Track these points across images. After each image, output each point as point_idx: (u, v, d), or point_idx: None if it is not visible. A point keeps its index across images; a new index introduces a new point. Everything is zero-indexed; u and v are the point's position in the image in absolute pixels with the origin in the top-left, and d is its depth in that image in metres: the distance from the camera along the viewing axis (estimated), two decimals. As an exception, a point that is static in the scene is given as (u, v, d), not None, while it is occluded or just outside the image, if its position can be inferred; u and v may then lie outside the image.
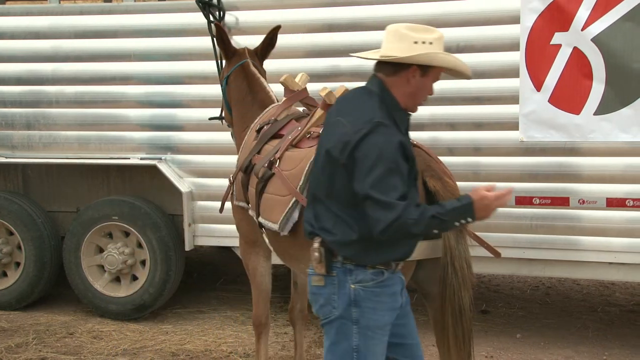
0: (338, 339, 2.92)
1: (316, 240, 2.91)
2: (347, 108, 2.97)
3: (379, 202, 2.69)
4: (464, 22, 5.06)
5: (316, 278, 2.96)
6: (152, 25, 5.80)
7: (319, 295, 2.96)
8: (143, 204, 6.02)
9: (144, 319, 6.12)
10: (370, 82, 3.02)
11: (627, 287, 6.95)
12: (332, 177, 2.86)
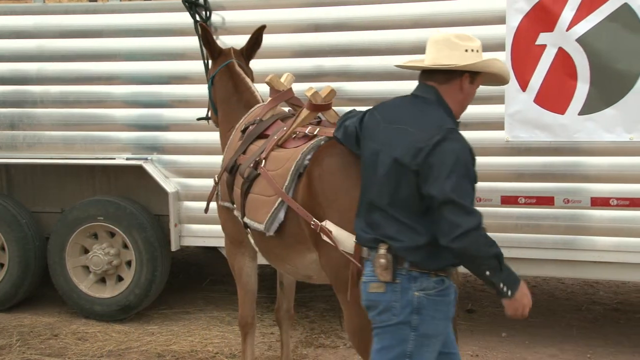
0: (392, 344, 2.93)
1: (382, 247, 2.91)
2: (406, 115, 2.99)
3: (461, 207, 2.75)
4: (450, 22, 5.06)
5: (375, 285, 2.95)
6: (138, 25, 5.78)
7: (378, 302, 2.96)
8: (129, 204, 6.00)
9: (130, 320, 6.09)
10: (421, 89, 3.06)
11: (610, 286, 7.00)
12: (399, 185, 2.88)
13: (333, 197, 3.31)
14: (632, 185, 4.89)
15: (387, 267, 2.90)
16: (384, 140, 2.98)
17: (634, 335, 5.63)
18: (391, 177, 2.90)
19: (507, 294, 2.84)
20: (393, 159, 2.89)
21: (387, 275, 2.90)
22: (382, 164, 2.94)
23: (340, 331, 5.75)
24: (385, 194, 2.93)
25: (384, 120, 3.05)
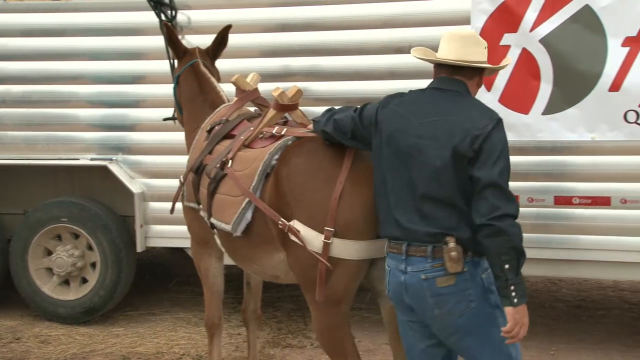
0: (483, 328, 2.97)
1: (451, 240, 2.90)
2: (444, 108, 3.01)
3: (504, 192, 2.84)
4: (416, 22, 5.10)
5: (444, 279, 2.94)
6: (102, 23, 5.71)
7: (448, 295, 2.94)
8: (93, 205, 5.93)
9: (94, 322, 6.03)
10: (449, 83, 3.10)
11: (573, 283, 7.11)
12: (459, 174, 2.90)
13: (301, 196, 3.31)
14: (594, 184, 4.96)
15: (458, 259, 2.90)
16: (428, 134, 2.97)
17: (596, 331, 5.73)
18: (450, 167, 2.91)
19: (513, 301, 2.83)
20: (451, 150, 2.89)
21: (458, 266, 2.91)
22: (436, 157, 2.93)
23: (307, 331, 5.76)
24: (444, 184, 2.92)
25: (416, 115, 3.04)
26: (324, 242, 3.20)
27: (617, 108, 4.73)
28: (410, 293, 3.01)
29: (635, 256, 4.97)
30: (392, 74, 5.14)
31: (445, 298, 2.95)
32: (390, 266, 3.08)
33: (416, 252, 2.97)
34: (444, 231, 2.91)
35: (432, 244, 2.94)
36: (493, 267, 2.87)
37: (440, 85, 3.12)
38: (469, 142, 2.87)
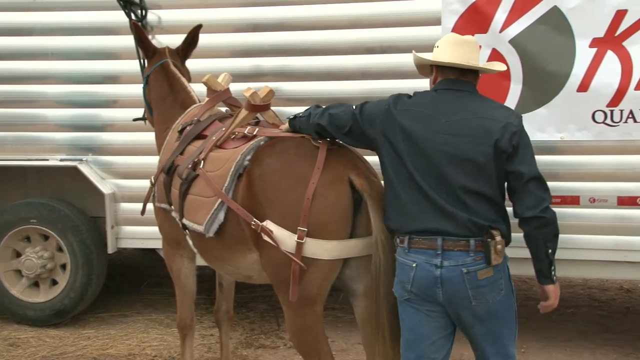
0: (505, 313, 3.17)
1: (497, 234, 3.03)
2: (471, 107, 3.17)
3: (544, 183, 3.09)
4: (387, 23, 5.12)
5: (484, 271, 3.05)
6: (71, 22, 5.65)
7: (486, 286, 3.07)
8: (63, 206, 5.87)
9: (65, 325, 5.97)
10: (461, 84, 3.26)
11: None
12: (499, 168, 3.07)
13: (273, 196, 3.31)
14: (563, 183, 5.02)
15: (502, 252, 3.06)
16: (464, 132, 3.09)
17: (565, 329, 5.80)
18: (491, 163, 3.06)
19: (553, 279, 3.20)
20: (493, 146, 3.04)
21: (500, 258, 3.07)
22: (477, 153, 3.05)
23: (280, 331, 5.75)
24: (485, 179, 3.07)
25: (443, 114, 3.15)
26: (297, 242, 3.20)
27: (586, 108, 4.80)
28: (447, 287, 3.07)
29: (604, 254, 5.04)
30: (363, 74, 5.16)
31: (484, 289, 3.07)
32: (416, 261, 3.10)
33: (454, 247, 3.05)
34: (490, 224, 3.05)
35: (474, 237, 3.04)
36: (537, 253, 3.15)
37: (454, 87, 3.26)
38: (508, 139, 3.04)
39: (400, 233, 3.18)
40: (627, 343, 5.48)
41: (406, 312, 3.22)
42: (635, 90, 4.69)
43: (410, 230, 3.13)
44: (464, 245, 3.04)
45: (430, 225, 3.08)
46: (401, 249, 3.17)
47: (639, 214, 4.92)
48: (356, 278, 3.47)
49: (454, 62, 3.23)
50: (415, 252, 3.11)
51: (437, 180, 3.09)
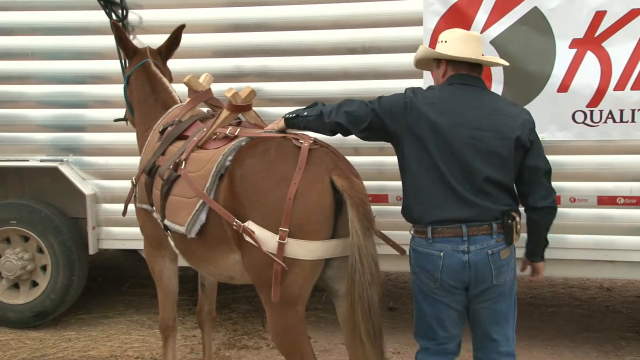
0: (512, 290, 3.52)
1: (517, 215, 3.40)
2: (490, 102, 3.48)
3: (550, 177, 3.49)
4: (369, 23, 5.12)
5: (505, 251, 3.40)
6: (52, 22, 5.60)
7: (505, 265, 3.41)
8: (44, 207, 5.83)
9: (45, 326, 5.93)
10: (474, 80, 3.55)
11: (524, 281, 7.22)
12: (518, 160, 3.40)
13: (255, 197, 3.30)
14: (544, 183, 5.05)
15: (519, 232, 3.42)
16: (489, 127, 3.37)
17: (546, 328, 5.84)
18: (512, 156, 3.36)
19: (544, 256, 3.71)
20: (515, 141, 3.35)
21: (518, 237, 3.44)
22: (501, 147, 3.35)
23: (263, 332, 5.75)
24: (507, 170, 3.38)
25: (467, 109, 3.40)
26: (278, 243, 3.20)
27: (566, 108, 4.84)
28: (474, 269, 3.34)
29: (585, 254, 5.08)
30: (345, 74, 5.16)
31: (504, 268, 3.40)
32: (442, 250, 3.35)
33: (478, 231, 3.33)
34: (511, 208, 3.38)
35: (495, 221, 3.35)
36: (538, 237, 3.61)
37: (469, 82, 3.52)
38: (527, 134, 3.38)
39: (421, 224, 3.42)
40: (608, 341, 5.53)
41: (427, 301, 3.50)
42: (615, 90, 4.73)
43: (434, 220, 3.36)
44: (487, 229, 3.33)
45: (454, 215, 3.33)
46: (423, 239, 3.41)
47: (618, 213, 4.96)
48: (338, 278, 3.48)
49: (468, 57, 3.49)
50: (440, 241, 3.35)
51: (462, 172, 3.34)
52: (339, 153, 3.52)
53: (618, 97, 4.74)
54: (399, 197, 5.12)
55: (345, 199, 3.24)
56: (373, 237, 3.32)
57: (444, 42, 3.57)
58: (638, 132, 4.77)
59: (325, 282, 3.54)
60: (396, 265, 5.46)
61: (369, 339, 3.25)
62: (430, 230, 3.36)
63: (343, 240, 3.33)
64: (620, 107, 4.76)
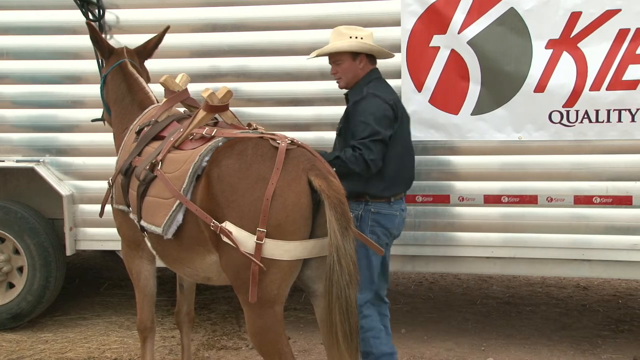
0: None
1: None
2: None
3: None
4: (346, 23, 5.10)
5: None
6: (27, 22, 5.55)
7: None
8: (19, 208, 5.78)
9: (22, 328, 5.87)
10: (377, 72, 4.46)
11: (503, 280, 7.28)
12: None
13: (232, 197, 3.29)
14: (521, 182, 5.09)
15: None
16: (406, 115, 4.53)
17: (524, 327, 5.88)
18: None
19: None
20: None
21: None
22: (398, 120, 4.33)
23: (242, 332, 5.74)
24: None
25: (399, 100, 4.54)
26: (256, 243, 3.19)
27: (543, 108, 4.88)
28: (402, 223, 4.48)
29: (562, 253, 5.12)
30: (322, 74, 5.15)
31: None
32: (402, 209, 4.44)
33: (403, 196, 4.47)
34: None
35: None
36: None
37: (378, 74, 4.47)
38: None
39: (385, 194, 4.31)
40: (584, 339, 5.58)
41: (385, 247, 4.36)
42: (590, 91, 4.78)
43: (402, 190, 4.45)
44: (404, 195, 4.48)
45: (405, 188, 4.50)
46: (385, 203, 4.31)
47: (595, 212, 5.01)
48: (316, 278, 3.48)
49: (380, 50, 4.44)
50: (399, 202, 4.40)
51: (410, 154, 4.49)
52: (317, 153, 3.52)
53: (594, 98, 4.79)
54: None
55: (322, 198, 3.23)
56: (351, 237, 3.31)
57: (360, 38, 4.33)
58: (613, 132, 4.83)
59: (303, 282, 3.53)
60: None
61: (345, 339, 3.24)
62: (395, 197, 4.36)
63: (321, 240, 3.32)
64: (596, 107, 4.81)
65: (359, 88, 4.37)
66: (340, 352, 3.29)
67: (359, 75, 4.39)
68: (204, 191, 3.41)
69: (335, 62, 4.41)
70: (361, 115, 4.21)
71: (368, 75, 4.41)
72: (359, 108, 4.24)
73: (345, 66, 4.38)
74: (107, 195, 4.31)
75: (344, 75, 4.41)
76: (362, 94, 4.29)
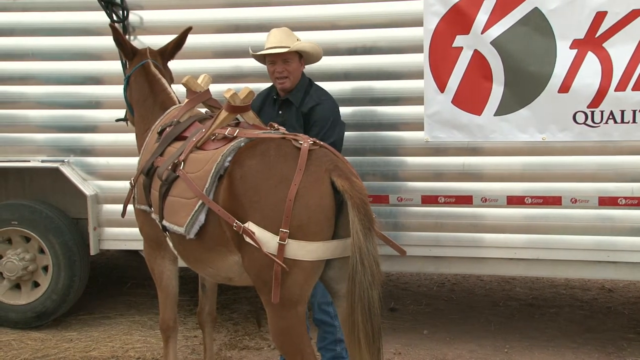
0: None
1: None
2: None
3: None
4: (370, 24, 5.12)
5: None
6: (53, 23, 5.61)
7: None
8: (45, 207, 5.83)
9: (47, 327, 5.93)
10: None
11: (526, 282, 7.22)
12: None
13: (255, 197, 3.30)
14: (545, 183, 5.05)
15: None
16: None
17: (548, 329, 5.83)
18: None
19: None
20: None
21: None
22: None
23: (264, 333, 5.74)
24: None
25: None
26: (279, 244, 3.20)
27: (567, 109, 4.84)
28: None
29: (586, 254, 5.08)
30: (345, 75, 5.18)
31: None
32: None
33: None
34: None
35: None
36: None
37: None
38: None
39: None
40: (609, 342, 5.52)
41: None
42: (616, 91, 4.73)
43: None
44: None
45: None
46: None
47: (620, 214, 4.97)
48: (339, 279, 3.47)
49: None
50: None
51: None
52: (339, 154, 3.52)
53: (619, 98, 4.74)
54: (400, 197, 5.18)
55: (345, 199, 3.23)
56: (374, 237, 3.30)
57: (298, 39, 4.45)
58: (639, 132, 4.77)
59: (326, 282, 3.54)
60: (397, 265, 5.48)
61: (367, 340, 3.23)
62: None
63: (344, 241, 3.32)
64: (621, 108, 4.76)
65: (300, 89, 4.55)
66: (362, 353, 3.28)
67: (299, 76, 4.57)
68: (226, 191, 3.42)
69: (285, 61, 4.48)
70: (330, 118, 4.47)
71: (303, 77, 4.61)
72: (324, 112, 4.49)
73: (295, 66, 4.52)
74: (129, 196, 4.34)
75: (292, 75, 4.52)
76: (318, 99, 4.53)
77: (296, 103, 4.50)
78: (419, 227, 5.26)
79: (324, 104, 4.51)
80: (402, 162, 5.26)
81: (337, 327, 4.42)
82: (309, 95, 4.54)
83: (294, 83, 4.53)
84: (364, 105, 5.21)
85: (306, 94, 4.55)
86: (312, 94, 4.55)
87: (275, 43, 4.46)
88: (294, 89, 4.54)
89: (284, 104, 4.57)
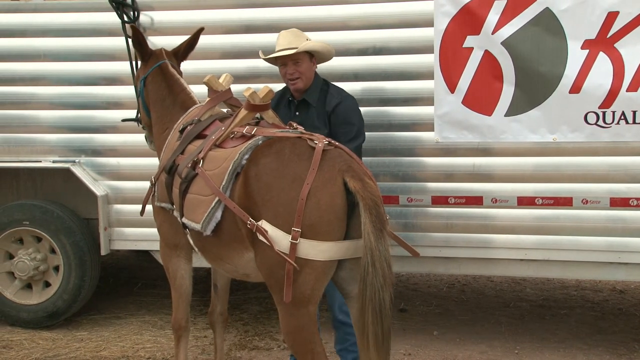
0: None
1: None
2: None
3: None
4: (380, 24, 5.13)
5: None
6: (63, 24, 5.64)
7: None
8: (56, 208, 5.85)
9: (58, 327, 5.95)
10: None
11: (537, 283, 7.21)
12: None
13: (268, 196, 3.30)
14: (556, 184, 5.04)
15: None
16: None
17: (559, 330, 5.82)
18: None
19: None
20: None
21: None
22: None
23: (274, 333, 5.75)
24: None
25: None
26: (291, 243, 3.20)
27: (578, 110, 4.82)
28: None
29: (597, 256, 5.07)
30: (356, 75, 5.18)
31: None
32: None
33: None
34: None
35: None
36: None
37: None
38: None
39: None
40: (620, 344, 5.50)
41: None
42: (627, 91, 4.72)
43: None
44: None
45: None
46: None
47: (631, 215, 4.95)
48: (350, 280, 3.47)
49: None
50: None
51: None
52: (353, 154, 3.51)
53: (631, 98, 4.73)
54: (410, 198, 5.18)
55: (357, 200, 3.23)
56: (386, 239, 3.29)
57: (308, 39, 4.45)
58: (651, 133, 4.76)
59: (337, 283, 3.54)
60: (408, 266, 5.48)
61: (376, 341, 3.21)
62: None
63: (356, 242, 3.32)
64: (633, 109, 4.75)
65: (315, 89, 4.56)
66: (370, 355, 3.27)
67: (312, 76, 4.56)
68: (241, 189, 3.43)
69: (296, 62, 4.47)
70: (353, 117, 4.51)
71: (317, 77, 4.62)
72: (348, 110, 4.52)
73: (306, 66, 4.51)
74: (148, 194, 4.35)
75: (304, 75, 4.51)
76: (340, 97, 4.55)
77: (313, 103, 4.51)
78: (429, 228, 5.25)
79: (346, 102, 4.54)
80: (412, 162, 5.25)
81: None
82: (330, 94, 4.55)
83: (306, 83, 4.53)
84: (374, 105, 5.21)
85: (325, 93, 4.56)
86: (332, 93, 4.56)
87: (284, 45, 4.46)
88: (309, 89, 4.54)
89: (300, 104, 4.58)
